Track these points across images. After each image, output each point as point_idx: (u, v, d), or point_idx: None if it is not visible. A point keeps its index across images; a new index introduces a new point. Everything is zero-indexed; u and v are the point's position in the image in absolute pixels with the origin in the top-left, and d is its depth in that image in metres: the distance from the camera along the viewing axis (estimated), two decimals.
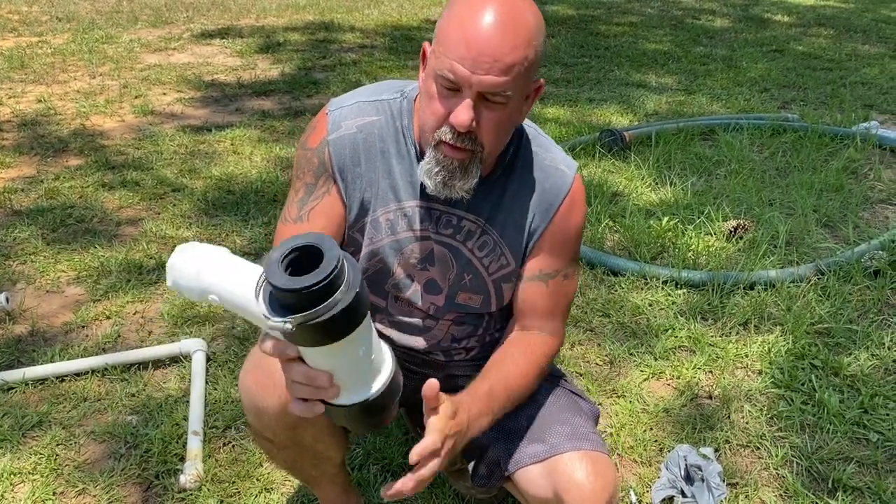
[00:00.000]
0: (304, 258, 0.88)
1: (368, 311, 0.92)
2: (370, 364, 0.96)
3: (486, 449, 1.33)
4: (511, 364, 1.26)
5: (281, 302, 0.85)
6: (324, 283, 0.83)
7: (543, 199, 1.27)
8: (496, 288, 1.31)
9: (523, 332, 1.33)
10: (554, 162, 1.28)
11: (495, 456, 1.30)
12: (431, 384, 1.07)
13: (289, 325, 0.84)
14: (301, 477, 1.46)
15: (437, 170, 1.14)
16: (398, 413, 1.71)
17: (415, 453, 1.06)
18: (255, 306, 0.90)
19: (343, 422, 0.99)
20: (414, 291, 1.31)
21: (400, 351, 1.37)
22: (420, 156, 1.22)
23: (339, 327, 0.87)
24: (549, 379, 1.38)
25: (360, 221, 1.28)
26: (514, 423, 1.30)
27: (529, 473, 1.24)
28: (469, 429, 1.15)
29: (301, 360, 0.93)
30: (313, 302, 0.84)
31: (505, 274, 1.30)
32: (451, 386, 1.43)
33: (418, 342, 1.37)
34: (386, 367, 0.99)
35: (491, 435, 1.34)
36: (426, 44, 1.16)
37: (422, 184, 1.20)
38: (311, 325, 0.84)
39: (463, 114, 1.07)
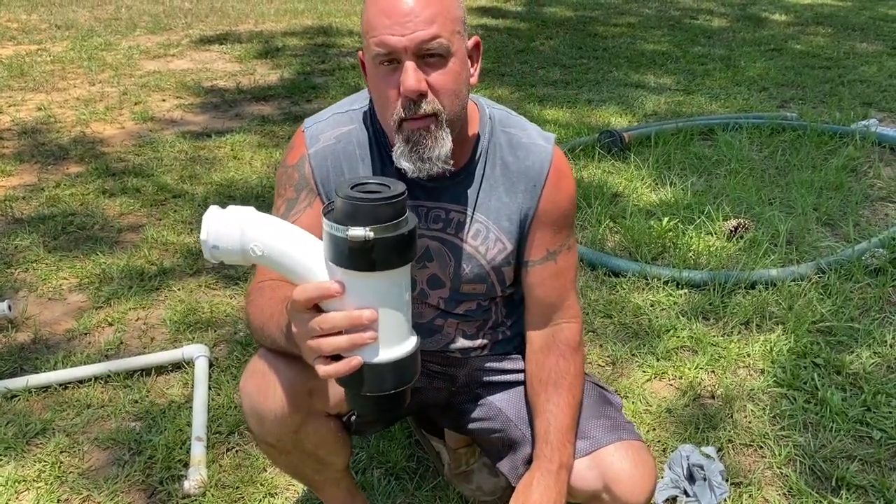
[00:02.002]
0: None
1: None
2: (408, 317, 1.01)
3: (521, 448, 1.36)
4: (560, 390, 1.30)
5: (355, 218, 0.92)
6: (403, 196, 0.94)
7: (528, 177, 1.28)
8: (497, 273, 1.32)
9: (547, 336, 1.34)
10: (530, 138, 1.29)
11: (532, 454, 1.31)
12: None
13: (371, 234, 0.90)
14: (305, 482, 1.46)
15: (407, 148, 1.15)
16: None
17: None
18: (309, 244, 0.99)
19: (366, 387, 1.00)
20: (420, 290, 1.33)
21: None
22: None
23: (408, 245, 0.95)
24: None
25: None
26: None
27: (574, 469, 1.26)
28: (559, 486, 1.23)
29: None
30: (391, 215, 0.92)
31: (504, 257, 1.31)
32: (476, 380, 1.44)
33: (433, 343, 1.38)
34: (415, 335, 1.03)
35: (526, 433, 1.36)
36: (360, 53, 1.18)
37: (406, 182, 1.21)
38: (388, 238, 0.92)
39: (409, 78, 1.09)
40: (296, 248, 0.99)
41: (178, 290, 2.57)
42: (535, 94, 4.82)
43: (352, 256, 0.92)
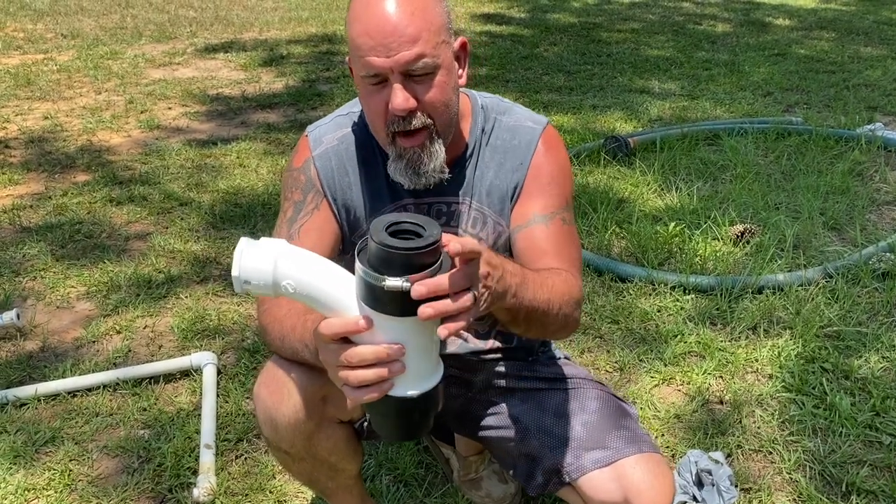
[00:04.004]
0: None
1: None
2: (436, 352, 0.99)
3: (539, 458, 1.35)
4: (547, 271, 1.17)
5: (391, 266, 0.88)
6: (439, 241, 0.89)
7: (516, 156, 1.29)
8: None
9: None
10: (518, 121, 1.31)
11: (553, 464, 1.31)
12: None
13: (409, 284, 0.87)
14: (317, 489, 1.46)
15: (402, 164, 1.17)
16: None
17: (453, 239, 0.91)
18: (341, 281, 0.95)
19: (392, 416, 1.00)
20: None
21: None
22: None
23: None
24: (595, 385, 1.41)
25: (360, 228, 1.31)
26: (569, 430, 1.32)
27: (595, 479, 1.26)
28: (503, 274, 1.01)
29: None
30: (428, 263, 0.88)
31: (504, 241, 1.32)
32: (492, 386, 1.45)
33: (448, 346, 1.38)
34: (441, 366, 1.01)
35: (544, 443, 1.36)
36: (348, 59, 1.19)
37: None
38: None
39: (397, 98, 1.11)
40: (328, 284, 0.96)
41: (186, 297, 2.58)
42: (540, 100, 4.83)
43: (386, 303, 0.90)
